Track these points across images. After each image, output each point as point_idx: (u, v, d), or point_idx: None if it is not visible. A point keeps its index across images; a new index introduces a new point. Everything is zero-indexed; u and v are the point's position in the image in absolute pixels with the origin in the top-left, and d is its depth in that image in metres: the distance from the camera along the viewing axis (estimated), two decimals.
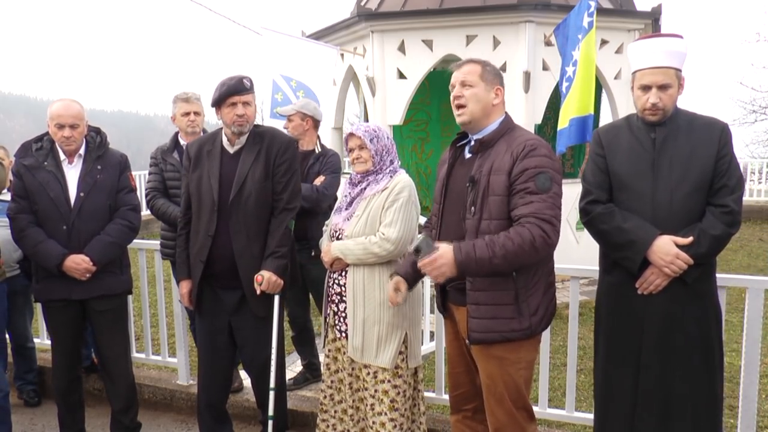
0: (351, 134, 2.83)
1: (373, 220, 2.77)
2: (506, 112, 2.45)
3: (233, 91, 2.87)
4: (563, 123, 5.58)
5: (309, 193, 3.53)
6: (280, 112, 3.98)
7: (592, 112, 5.43)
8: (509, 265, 2.19)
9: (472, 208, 2.31)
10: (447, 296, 2.55)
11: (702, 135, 2.37)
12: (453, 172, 2.49)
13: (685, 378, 2.38)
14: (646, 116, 2.41)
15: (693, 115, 2.44)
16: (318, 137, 3.94)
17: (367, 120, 8.24)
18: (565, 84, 5.74)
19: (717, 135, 2.36)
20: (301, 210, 3.33)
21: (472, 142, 2.44)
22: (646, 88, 2.38)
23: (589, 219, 2.50)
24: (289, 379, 3.81)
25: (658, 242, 2.32)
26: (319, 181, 3.71)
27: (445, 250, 2.17)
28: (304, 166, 3.76)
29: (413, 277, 2.61)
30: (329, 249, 2.85)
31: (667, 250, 2.30)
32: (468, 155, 2.46)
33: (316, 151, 3.84)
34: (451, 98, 2.41)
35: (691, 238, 2.30)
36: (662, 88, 2.35)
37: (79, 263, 3.01)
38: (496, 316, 2.29)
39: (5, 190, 3.73)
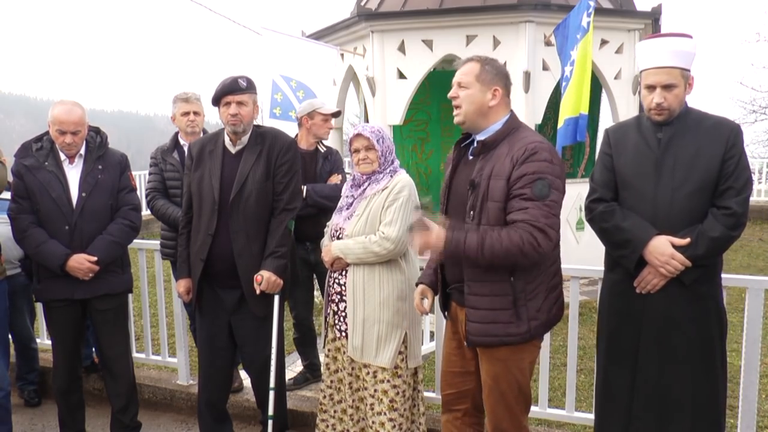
0: (358, 135, 2.80)
1: (373, 219, 2.77)
2: (512, 111, 2.38)
3: (227, 91, 2.89)
4: (560, 123, 5.60)
5: (335, 193, 3.36)
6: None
7: (585, 113, 5.41)
8: (496, 264, 2.20)
9: (471, 212, 2.28)
10: (449, 296, 2.53)
11: (709, 135, 2.34)
12: (457, 173, 2.45)
13: (684, 380, 2.36)
14: (652, 116, 2.40)
15: (704, 115, 2.41)
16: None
17: (367, 120, 8.24)
18: (563, 84, 5.76)
19: (725, 135, 2.31)
20: (320, 209, 3.44)
21: (475, 143, 2.41)
22: (650, 88, 2.37)
23: (591, 217, 2.52)
24: (289, 379, 3.81)
25: (654, 242, 2.31)
26: (337, 179, 3.70)
27: (439, 231, 2.17)
28: (313, 166, 3.74)
29: (437, 284, 2.57)
30: (330, 248, 2.85)
31: (663, 251, 2.29)
32: (471, 156, 2.42)
33: (321, 150, 3.82)
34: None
35: (688, 240, 2.28)
36: (666, 87, 2.33)
37: (82, 263, 3.01)
38: (493, 320, 2.26)
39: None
